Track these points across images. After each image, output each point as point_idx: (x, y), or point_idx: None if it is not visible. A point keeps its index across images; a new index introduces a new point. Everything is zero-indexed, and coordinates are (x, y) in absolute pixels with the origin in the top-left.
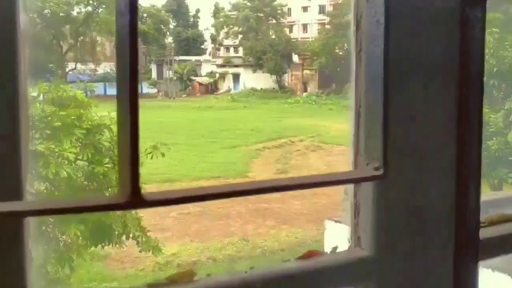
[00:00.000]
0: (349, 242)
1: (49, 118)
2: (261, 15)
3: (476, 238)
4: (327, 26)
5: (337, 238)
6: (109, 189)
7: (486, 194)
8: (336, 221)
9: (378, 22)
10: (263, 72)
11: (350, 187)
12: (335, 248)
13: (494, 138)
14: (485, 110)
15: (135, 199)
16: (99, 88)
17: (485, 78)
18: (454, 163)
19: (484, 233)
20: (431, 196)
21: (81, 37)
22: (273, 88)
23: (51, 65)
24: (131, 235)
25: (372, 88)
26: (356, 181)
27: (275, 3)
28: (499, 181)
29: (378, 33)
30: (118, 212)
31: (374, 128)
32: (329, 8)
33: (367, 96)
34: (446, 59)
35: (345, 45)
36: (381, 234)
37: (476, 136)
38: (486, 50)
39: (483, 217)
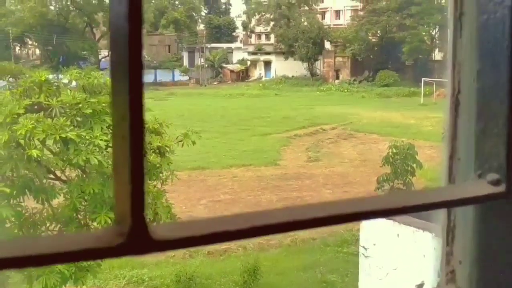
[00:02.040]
0: (438, 276)
1: (80, 105)
2: (293, 1)
3: None
4: (360, 13)
5: (373, 233)
6: None
7: None
8: None
9: None
10: (294, 60)
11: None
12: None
13: None
14: None
15: (137, 238)
16: None
17: None
18: None
19: None
20: None
21: None
22: (305, 76)
23: (84, 52)
24: (161, 222)
25: (489, 65)
26: (464, 202)
27: None
28: None
29: None
30: (149, 199)
31: (493, 124)
32: None
33: (481, 76)
34: None
35: (378, 31)
36: (485, 270)
37: None
38: None
39: None
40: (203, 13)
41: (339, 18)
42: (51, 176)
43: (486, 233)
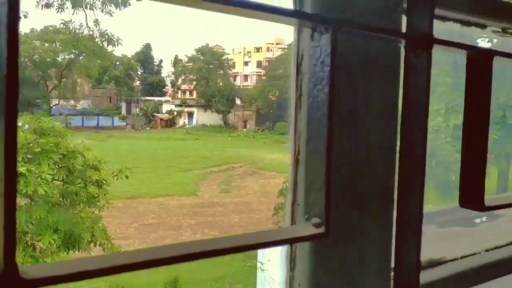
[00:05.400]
0: None
1: (31, 144)
2: (212, 66)
3: None
4: (263, 77)
5: (268, 250)
6: (80, 205)
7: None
8: None
9: (323, 64)
10: (212, 112)
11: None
12: None
13: None
14: None
15: (8, 278)
16: (77, 121)
17: None
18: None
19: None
20: (368, 258)
21: (64, 79)
22: (220, 125)
23: (38, 100)
24: (98, 243)
25: (314, 136)
26: (293, 241)
27: (223, 57)
28: None
29: (323, 76)
30: (87, 224)
31: (316, 180)
32: (264, 64)
33: (309, 144)
34: (388, 106)
35: (277, 92)
36: None
37: (419, 189)
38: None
39: None
40: (139, 72)
41: (247, 81)
42: None
43: (319, 263)
